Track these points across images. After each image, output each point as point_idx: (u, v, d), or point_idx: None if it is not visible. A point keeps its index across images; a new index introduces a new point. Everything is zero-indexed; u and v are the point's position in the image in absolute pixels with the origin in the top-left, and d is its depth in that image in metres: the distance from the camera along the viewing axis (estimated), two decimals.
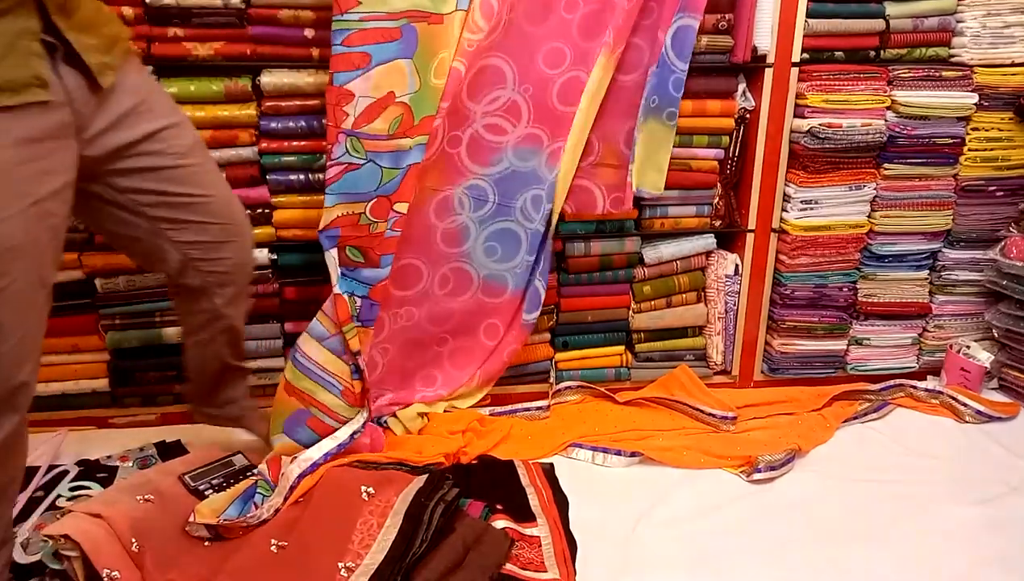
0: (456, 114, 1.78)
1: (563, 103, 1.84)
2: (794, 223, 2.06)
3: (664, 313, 2.15)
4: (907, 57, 2.02)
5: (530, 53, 1.79)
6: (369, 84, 1.58)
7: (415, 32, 1.60)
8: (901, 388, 2.14)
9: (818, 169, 2.02)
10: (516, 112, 1.83)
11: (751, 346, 2.19)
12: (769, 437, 1.90)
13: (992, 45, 2.01)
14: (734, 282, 2.13)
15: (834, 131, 1.95)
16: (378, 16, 1.57)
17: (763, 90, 1.97)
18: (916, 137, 2.01)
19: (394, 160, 1.66)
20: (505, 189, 1.89)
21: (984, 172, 2.09)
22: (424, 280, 1.91)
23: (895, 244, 2.12)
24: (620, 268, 2.10)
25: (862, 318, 2.18)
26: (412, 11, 1.59)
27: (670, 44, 1.83)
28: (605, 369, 2.15)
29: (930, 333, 2.22)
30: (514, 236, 1.93)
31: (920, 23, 1.98)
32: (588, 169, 1.96)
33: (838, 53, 1.99)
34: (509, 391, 2.11)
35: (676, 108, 1.89)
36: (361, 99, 1.59)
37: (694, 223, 2.11)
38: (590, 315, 2.13)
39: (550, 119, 1.86)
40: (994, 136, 2.06)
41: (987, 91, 2.01)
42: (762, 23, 1.92)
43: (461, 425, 1.90)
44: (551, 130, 1.87)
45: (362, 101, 1.59)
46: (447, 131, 1.78)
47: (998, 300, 2.17)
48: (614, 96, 1.90)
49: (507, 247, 1.94)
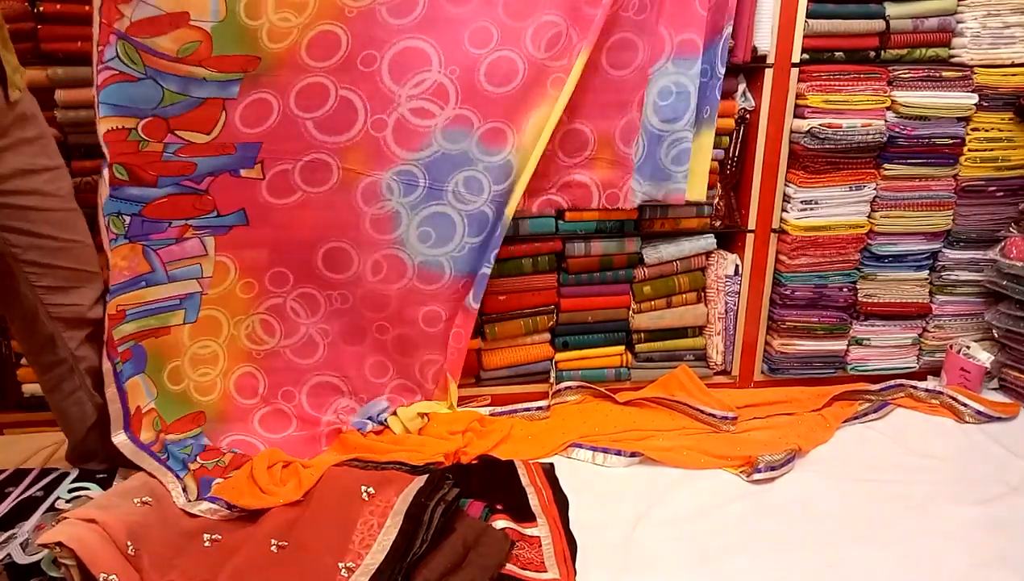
0: (378, 96, 1.75)
1: (492, 83, 1.80)
2: (794, 223, 2.06)
3: (664, 313, 2.15)
4: (907, 57, 2.02)
5: (455, 34, 1.75)
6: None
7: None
8: (901, 388, 2.14)
9: (818, 169, 2.02)
10: (443, 94, 1.79)
11: (751, 346, 2.19)
12: (769, 437, 1.90)
13: (992, 45, 2.01)
14: (734, 282, 2.13)
15: (834, 131, 1.95)
16: None
17: (763, 90, 1.98)
18: (916, 137, 2.01)
19: (182, 85, 1.58)
20: (436, 172, 1.86)
21: (984, 172, 2.09)
22: (355, 265, 1.90)
23: (895, 244, 2.12)
24: (620, 268, 2.10)
25: (862, 318, 2.18)
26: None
27: (720, 54, 1.86)
28: (605, 369, 2.15)
29: (930, 333, 2.22)
30: (448, 220, 1.90)
31: (920, 23, 1.99)
32: (585, 162, 1.96)
33: (838, 53, 1.99)
34: (509, 391, 2.10)
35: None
36: (143, 5, 1.46)
37: (694, 223, 2.11)
38: (590, 315, 2.13)
39: (480, 100, 1.81)
40: (994, 136, 2.06)
41: (987, 91, 2.02)
42: (762, 24, 1.93)
43: (461, 425, 1.90)
44: (481, 111, 1.83)
45: (144, 7, 1.47)
46: (369, 113, 1.76)
47: (998, 300, 2.17)
48: (605, 90, 1.89)
49: (441, 231, 1.91)
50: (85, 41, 1.62)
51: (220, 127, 1.67)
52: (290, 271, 1.88)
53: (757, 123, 2.01)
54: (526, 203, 1.96)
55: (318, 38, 1.67)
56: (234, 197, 1.76)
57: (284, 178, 1.78)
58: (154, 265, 1.70)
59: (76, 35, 1.67)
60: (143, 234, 1.67)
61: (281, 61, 1.66)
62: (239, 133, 1.70)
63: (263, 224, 1.81)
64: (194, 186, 1.71)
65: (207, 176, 1.71)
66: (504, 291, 2.05)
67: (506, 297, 2.05)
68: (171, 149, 1.64)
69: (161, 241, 1.70)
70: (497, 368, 2.10)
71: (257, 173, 1.75)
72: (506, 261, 2.03)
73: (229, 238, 1.79)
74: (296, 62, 1.67)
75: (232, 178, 1.74)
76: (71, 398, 1.58)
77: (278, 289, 1.89)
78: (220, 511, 1.55)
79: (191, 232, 1.74)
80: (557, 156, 1.95)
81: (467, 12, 1.75)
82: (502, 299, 2.05)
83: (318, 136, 1.76)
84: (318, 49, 1.68)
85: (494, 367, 2.10)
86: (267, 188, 1.78)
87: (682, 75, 1.87)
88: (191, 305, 1.79)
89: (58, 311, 1.48)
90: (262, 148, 1.73)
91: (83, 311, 1.53)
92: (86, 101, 1.63)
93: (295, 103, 1.71)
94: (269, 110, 1.70)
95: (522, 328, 2.09)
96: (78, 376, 1.56)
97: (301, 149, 1.76)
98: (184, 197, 1.70)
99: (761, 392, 2.15)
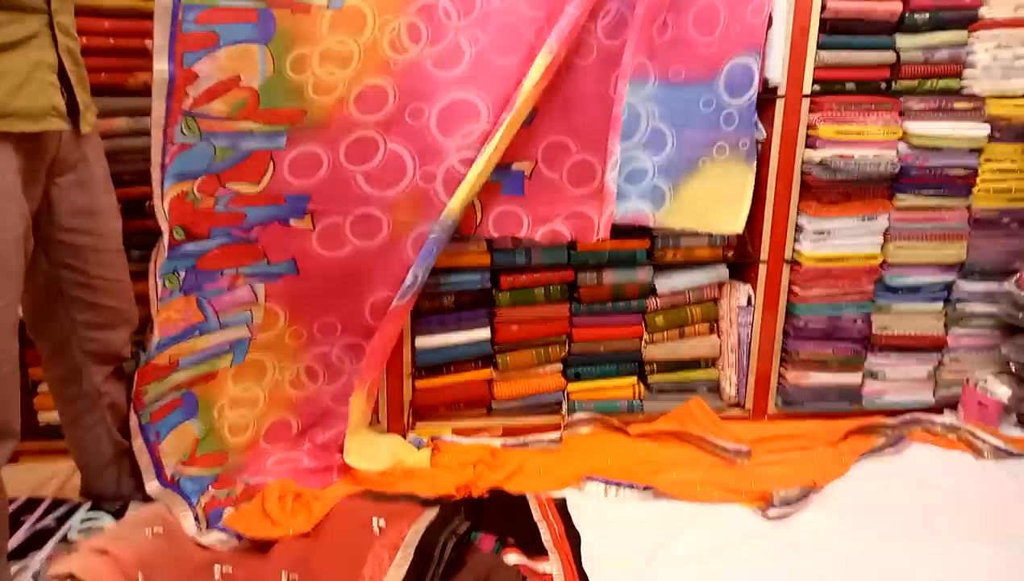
0: (427, 149, 1.77)
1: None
2: (807, 254, 2.05)
3: (677, 344, 2.14)
4: (918, 89, 2.02)
5: (504, 85, 1.77)
6: (215, 65, 1.54)
7: (273, 18, 1.57)
8: (918, 422, 2.11)
9: (831, 200, 2.02)
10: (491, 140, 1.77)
11: (765, 378, 2.17)
12: (784, 472, 1.87)
13: (1004, 77, 2.01)
14: (747, 313, 2.12)
15: (846, 162, 1.95)
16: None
17: (775, 121, 1.99)
18: (928, 168, 2.01)
19: (232, 141, 1.62)
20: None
21: (998, 203, 2.08)
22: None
23: (909, 276, 2.11)
24: (632, 298, 2.10)
25: (877, 350, 2.16)
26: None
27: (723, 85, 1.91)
28: (618, 401, 2.13)
29: (946, 366, 2.20)
30: None
31: (931, 55, 2.00)
32: (592, 193, 1.95)
33: (849, 84, 2.00)
34: (521, 422, 2.10)
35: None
36: (203, 80, 1.54)
37: (706, 254, 2.11)
38: (602, 346, 2.12)
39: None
40: (1007, 167, 2.06)
41: (999, 122, 2.02)
42: (773, 55, 1.94)
43: (472, 457, 1.89)
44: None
45: (204, 82, 1.54)
46: (418, 165, 1.78)
47: (1014, 333, 2.14)
48: (606, 120, 1.90)
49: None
50: (109, 72, 1.68)
51: (269, 178, 1.69)
52: (339, 321, 1.88)
53: (769, 153, 2.02)
54: (531, 231, 1.96)
55: (366, 92, 1.70)
56: (284, 246, 1.77)
57: (335, 230, 1.79)
58: (207, 314, 1.72)
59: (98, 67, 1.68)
60: (197, 286, 1.70)
61: (329, 114, 1.69)
62: (288, 184, 1.72)
63: (313, 274, 1.81)
64: (244, 235, 1.73)
65: (256, 225, 1.73)
66: (516, 321, 2.05)
67: (518, 327, 2.05)
68: (223, 201, 1.67)
69: (214, 291, 1.73)
70: (509, 399, 2.10)
71: (307, 224, 1.77)
72: (518, 290, 2.03)
73: (279, 287, 1.80)
74: (344, 115, 1.70)
75: (282, 227, 1.76)
76: (90, 433, 1.58)
77: (326, 337, 1.89)
78: (230, 541, 1.55)
79: (242, 280, 1.76)
80: (565, 187, 1.95)
81: (514, 62, 1.76)
82: (514, 329, 2.05)
83: (368, 189, 1.78)
84: (366, 102, 1.71)
85: (506, 398, 2.10)
86: (318, 239, 1.79)
87: (632, 95, 1.89)
88: (239, 349, 1.81)
89: (91, 346, 1.49)
90: (312, 199, 1.75)
91: (116, 348, 1.54)
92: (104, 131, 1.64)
93: (345, 156, 1.74)
94: (319, 162, 1.72)
95: (534, 358, 2.09)
96: (100, 411, 1.56)
97: (352, 203, 1.78)
98: (235, 246, 1.72)
99: (775, 425, 2.13)
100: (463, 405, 2.11)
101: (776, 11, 1.91)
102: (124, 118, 1.69)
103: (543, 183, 1.93)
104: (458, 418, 2.11)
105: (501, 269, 2.02)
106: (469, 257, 1.99)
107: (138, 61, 1.68)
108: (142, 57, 1.63)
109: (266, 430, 1.89)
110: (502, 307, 2.04)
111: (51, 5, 1.24)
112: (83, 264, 1.42)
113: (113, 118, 1.67)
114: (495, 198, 1.92)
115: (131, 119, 1.70)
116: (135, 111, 1.69)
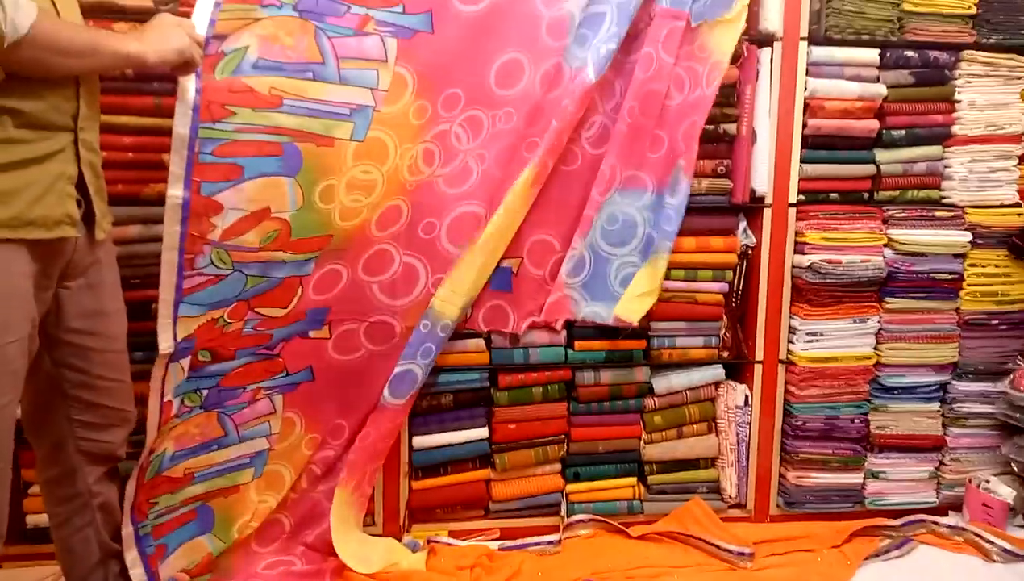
0: (438, 259, 1.88)
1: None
2: (801, 355, 2.09)
3: (676, 444, 2.14)
4: (900, 198, 2.12)
5: (499, 194, 1.89)
6: (241, 197, 1.59)
7: (299, 152, 1.64)
8: (923, 524, 2.08)
9: (822, 302, 2.08)
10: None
11: (765, 478, 2.16)
12: (788, 575, 1.84)
13: (980, 188, 2.12)
14: (744, 413, 2.13)
15: (834, 266, 2.02)
16: (256, 129, 1.58)
17: (763, 228, 2.07)
18: (915, 273, 2.08)
19: (262, 270, 1.69)
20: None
21: (985, 306, 2.14)
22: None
23: (903, 376, 2.14)
24: (630, 398, 2.11)
25: (877, 450, 2.16)
26: (298, 131, 1.63)
27: (670, 187, 1.99)
28: (617, 502, 2.11)
29: (947, 466, 2.19)
30: None
31: (910, 168, 2.11)
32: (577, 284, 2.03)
33: (833, 194, 2.10)
34: (519, 524, 2.07)
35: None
36: (231, 211, 1.59)
37: (702, 354, 2.14)
38: (601, 445, 2.12)
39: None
40: (991, 271, 2.13)
41: (980, 230, 2.10)
42: (758, 167, 2.05)
43: (469, 560, 1.86)
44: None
45: (232, 213, 1.59)
46: (430, 274, 1.88)
47: (1013, 433, 2.15)
48: (578, 215, 2.00)
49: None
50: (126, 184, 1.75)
51: (296, 301, 1.77)
52: (348, 424, 1.91)
53: (759, 258, 2.09)
54: (517, 325, 2.02)
55: (386, 213, 1.81)
56: (302, 357, 1.83)
57: (350, 337, 1.87)
58: (228, 430, 1.76)
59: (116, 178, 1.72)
60: (219, 403, 1.74)
61: (351, 237, 1.79)
62: (312, 302, 1.80)
63: (328, 379, 1.87)
64: (268, 353, 1.79)
65: (280, 342, 1.80)
66: (514, 420, 2.06)
67: (516, 426, 2.06)
68: (250, 325, 1.73)
69: (236, 406, 1.77)
70: (507, 500, 2.08)
71: (324, 333, 1.84)
72: (516, 389, 2.05)
73: (296, 395, 1.85)
74: (366, 236, 1.81)
75: (302, 340, 1.83)
76: (79, 534, 1.54)
77: (334, 440, 1.91)
78: None
79: (262, 393, 1.81)
80: (545, 280, 2.03)
81: (509, 173, 1.88)
82: (512, 428, 2.06)
83: (383, 299, 1.87)
84: (385, 222, 1.82)
85: (504, 499, 2.07)
86: (333, 346, 1.86)
87: (629, 205, 2.00)
88: (259, 462, 1.83)
89: (87, 446, 1.48)
90: (331, 311, 1.83)
91: (112, 449, 1.53)
92: (118, 237, 1.68)
93: (362, 270, 1.83)
94: (338, 278, 1.82)
95: (533, 458, 2.08)
96: (91, 512, 1.53)
97: (366, 311, 1.86)
98: (259, 363, 1.79)
99: (778, 527, 2.10)
100: (460, 507, 2.08)
101: (760, 127, 2.04)
102: (138, 226, 1.77)
103: (528, 279, 2.01)
104: (455, 520, 2.08)
105: (499, 368, 2.05)
106: (468, 356, 2.03)
107: (154, 174, 1.75)
108: (158, 169, 1.70)
109: (257, 531, 1.86)
110: (500, 406, 2.05)
111: (77, 123, 1.32)
112: (87, 364, 1.43)
113: (127, 226, 1.75)
114: (484, 294, 1.98)
115: (144, 226, 1.77)
116: (148, 219, 1.76)
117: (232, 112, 1.56)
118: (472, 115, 1.86)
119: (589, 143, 1.98)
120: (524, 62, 1.87)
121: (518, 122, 1.88)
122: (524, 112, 1.88)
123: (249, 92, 1.57)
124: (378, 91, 1.73)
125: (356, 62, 1.70)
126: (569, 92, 1.87)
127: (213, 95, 1.53)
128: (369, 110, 1.72)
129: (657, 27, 1.92)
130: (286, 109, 1.61)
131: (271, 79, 1.59)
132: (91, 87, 1.35)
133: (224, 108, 1.55)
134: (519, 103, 1.88)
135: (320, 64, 1.65)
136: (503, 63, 1.86)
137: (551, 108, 1.88)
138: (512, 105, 1.88)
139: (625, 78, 1.95)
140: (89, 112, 1.34)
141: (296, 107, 1.63)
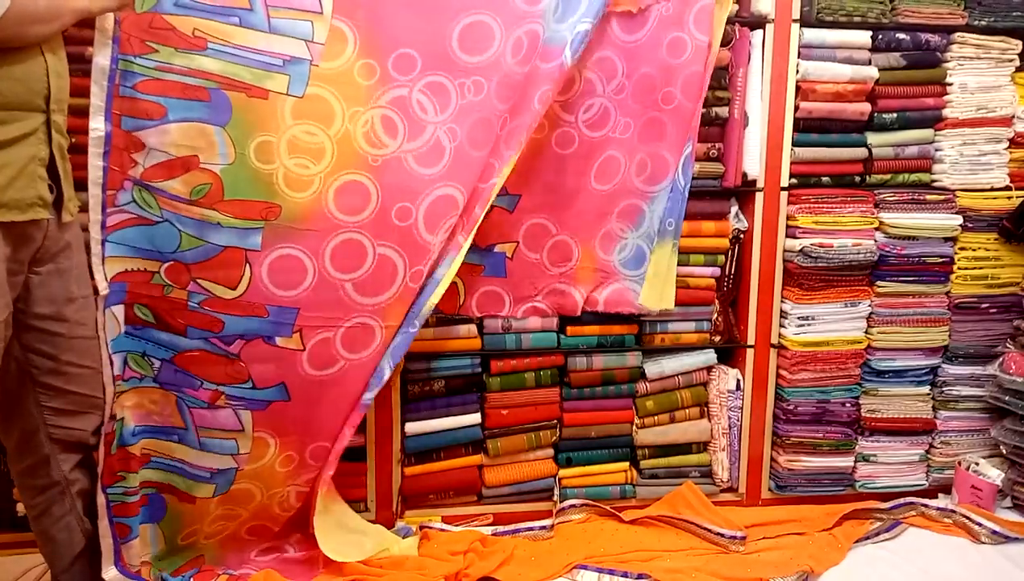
0: (415, 249, 1.75)
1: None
2: (792, 339, 2.09)
3: (668, 428, 2.14)
4: (891, 182, 2.12)
5: (475, 176, 1.79)
6: (166, 139, 1.54)
7: (228, 100, 1.57)
8: (912, 507, 2.10)
9: (813, 286, 2.08)
10: (468, 232, 1.80)
11: (757, 462, 2.16)
12: (780, 558, 1.85)
13: (971, 171, 2.12)
14: (736, 397, 2.14)
15: (826, 250, 2.02)
16: (179, 70, 1.53)
17: (755, 212, 2.07)
18: (906, 256, 2.08)
19: (198, 229, 1.60)
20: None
21: (976, 289, 2.15)
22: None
23: (894, 359, 2.14)
24: (622, 382, 2.11)
25: (867, 434, 2.17)
26: (225, 78, 1.56)
27: (682, 171, 1.96)
28: (610, 486, 2.11)
29: (937, 449, 2.20)
30: None
31: (901, 151, 2.10)
32: (570, 273, 2.03)
33: (824, 178, 2.10)
34: (512, 510, 2.07)
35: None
36: (154, 152, 1.54)
37: (694, 338, 2.14)
38: (593, 430, 2.12)
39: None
40: (982, 255, 2.13)
41: (970, 213, 2.11)
42: (750, 151, 2.04)
43: (462, 545, 1.85)
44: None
45: (155, 154, 1.54)
46: (408, 266, 1.74)
47: (1002, 416, 2.16)
48: (588, 203, 1.99)
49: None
50: None
51: (246, 283, 1.64)
52: (330, 445, 1.80)
53: (751, 242, 2.09)
54: (513, 310, 2.01)
55: (345, 188, 1.67)
56: (271, 369, 1.69)
57: (325, 347, 1.71)
58: (187, 423, 1.68)
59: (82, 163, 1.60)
60: (175, 385, 1.66)
61: (306, 214, 1.65)
62: (270, 294, 1.65)
63: (305, 399, 1.73)
64: (224, 348, 1.66)
65: (237, 338, 1.66)
66: (507, 405, 2.05)
67: (509, 411, 2.06)
68: (195, 299, 1.62)
69: (194, 399, 1.67)
70: (499, 485, 2.07)
71: (296, 343, 1.69)
72: (509, 375, 2.05)
73: (268, 415, 1.72)
74: (323, 214, 1.66)
75: (267, 346, 1.67)
76: (60, 523, 1.53)
77: (317, 463, 1.81)
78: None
79: (223, 400, 1.68)
80: (544, 265, 2.02)
81: (484, 154, 1.78)
82: (505, 413, 2.06)
83: (358, 299, 1.72)
84: (345, 199, 1.68)
85: (496, 484, 2.07)
86: (308, 360, 1.71)
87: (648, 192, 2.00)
88: (223, 480, 1.74)
89: (59, 434, 1.47)
90: (299, 315, 1.68)
91: (84, 437, 1.52)
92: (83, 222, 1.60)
93: (331, 264, 1.69)
94: (303, 271, 1.67)
95: (525, 443, 2.08)
96: (69, 500, 1.52)
97: (340, 315, 1.71)
98: (215, 358, 1.66)
99: (769, 510, 2.11)
100: (453, 492, 2.08)
101: (752, 111, 2.03)
102: None
103: (524, 264, 1.99)
104: (448, 505, 2.08)
105: (491, 354, 2.05)
106: (460, 342, 2.02)
107: None
108: None
109: (246, 532, 1.84)
110: (493, 392, 2.04)
111: (50, 106, 1.31)
112: (55, 350, 1.42)
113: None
114: (478, 279, 1.97)
115: None
116: None
117: (154, 48, 1.51)
118: (434, 81, 1.73)
119: (587, 125, 1.94)
120: (493, 26, 1.74)
121: (490, 95, 1.75)
122: (495, 83, 1.75)
123: (171, 30, 1.53)
124: (314, 44, 1.62)
125: (287, 12, 1.60)
126: (547, 74, 1.76)
127: (132, 29, 1.49)
128: (306, 64, 1.62)
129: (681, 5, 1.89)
130: (211, 53, 1.55)
131: (195, 20, 1.54)
132: (60, 69, 1.34)
133: (144, 44, 1.51)
134: (489, 71, 1.75)
135: (247, 10, 1.58)
136: (467, 25, 1.73)
137: (529, 84, 1.76)
138: (481, 74, 1.75)
139: (630, 59, 1.92)
140: (60, 95, 1.34)
141: (221, 52, 1.56)
